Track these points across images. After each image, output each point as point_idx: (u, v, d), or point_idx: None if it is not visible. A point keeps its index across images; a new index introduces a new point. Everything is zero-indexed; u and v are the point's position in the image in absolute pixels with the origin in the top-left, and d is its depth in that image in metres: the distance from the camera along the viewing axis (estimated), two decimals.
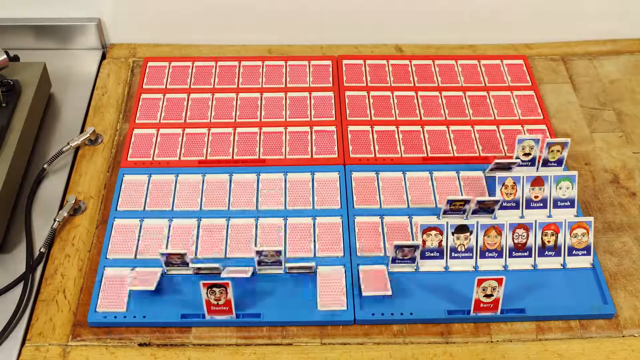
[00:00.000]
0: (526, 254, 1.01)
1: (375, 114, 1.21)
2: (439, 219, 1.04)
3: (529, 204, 1.05)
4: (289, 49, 1.35)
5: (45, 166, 1.11)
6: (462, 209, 1.01)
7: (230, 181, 1.10)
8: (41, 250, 1.01)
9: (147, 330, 0.94)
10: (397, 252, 0.97)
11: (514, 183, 1.04)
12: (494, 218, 1.02)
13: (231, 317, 0.93)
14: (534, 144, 1.08)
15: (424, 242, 0.99)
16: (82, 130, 1.19)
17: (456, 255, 1.00)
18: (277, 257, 0.95)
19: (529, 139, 1.08)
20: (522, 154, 1.09)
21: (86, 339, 0.93)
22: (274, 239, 1.02)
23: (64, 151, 1.12)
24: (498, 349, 0.93)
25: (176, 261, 0.94)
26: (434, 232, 0.98)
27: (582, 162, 1.16)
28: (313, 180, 1.10)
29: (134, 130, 1.17)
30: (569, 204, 1.05)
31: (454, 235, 0.99)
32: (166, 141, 1.15)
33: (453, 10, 1.33)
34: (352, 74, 1.28)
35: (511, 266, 1.01)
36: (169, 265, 0.96)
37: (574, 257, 1.01)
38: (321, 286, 0.97)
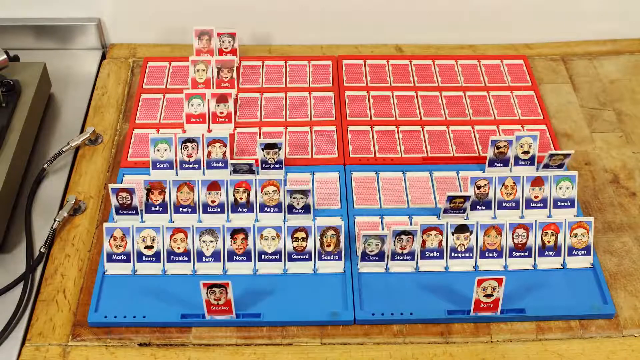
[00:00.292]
0: (526, 254, 1.01)
1: (375, 114, 1.21)
2: (439, 218, 1.04)
3: (529, 204, 1.05)
4: (289, 49, 1.35)
5: (45, 166, 1.11)
6: (462, 207, 1.01)
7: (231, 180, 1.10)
8: (41, 250, 1.01)
9: (147, 330, 0.94)
10: (395, 242, 0.97)
11: (514, 183, 1.05)
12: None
13: (231, 317, 0.93)
14: (532, 141, 1.08)
15: (423, 242, 0.99)
16: (82, 130, 1.19)
17: (456, 255, 1.00)
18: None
19: (527, 136, 1.08)
20: (521, 152, 1.09)
21: (86, 339, 0.93)
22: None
23: (64, 151, 1.12)
24: (498, 349, 0.93)
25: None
26: (434, 232, 0.98)
27: (582, 162, 1.16)
28: (313, 180, 1.10)
29: (134, 130, 1.17)
30: (569, 204, 1.05)
31: (454, 235, 0.99)
32: None
33: (453, 10, 1.33)
34: (352, 74, 1.28)
35: (511, 266, 1.01)
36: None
37: (574, 257, 1.01)
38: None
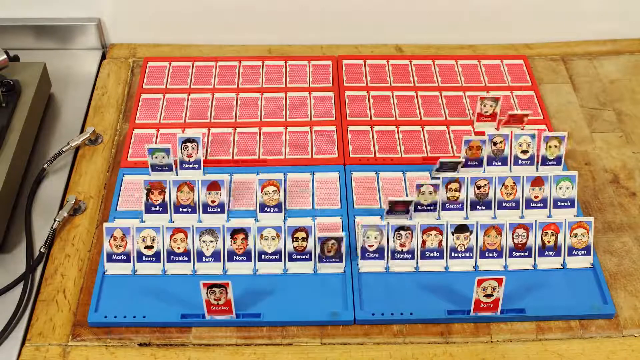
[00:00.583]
0: (526, 254, 1.01)
1: (375, 114, 1.21)
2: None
3: (529, 204, 1.05)
4: (289, 49, 1.35)
5: (45, 166, 1.11)
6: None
7: (230, 181, 1.10)
8: (41, 250, 1.01)
9: (147, 330, 0.94)
10: (395, 238, 0.97)
11: (514, 183, 1.05)
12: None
13: (231, 317, 0.93)
14: (530, 140, 1.08)
15: (424, 242, 0.99)
16: (82, 130, 1.19)
17: (456, 255, 1.00)
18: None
19: (526, 134, 1.08)
20: (520, 152, 1.09)
21: (86, 339, 0.93)
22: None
23: (64, 151, 1.12)
24: (498, 349, 0.93)
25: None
26: (434, 232, 0.98)
27: (582, 162, 1.16)
28: (313, 180, 1.10)
29: (134, 130, 1.17)
30: (569, 204, 1.05)
31: (454, 235, 0.99)
32: (166, 141, 1.15)
33: (453, 10, 1.33)
34: (352, 74, 1.28)
35: (511, 266, 1.01)
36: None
37: (574, 257, 1.01)
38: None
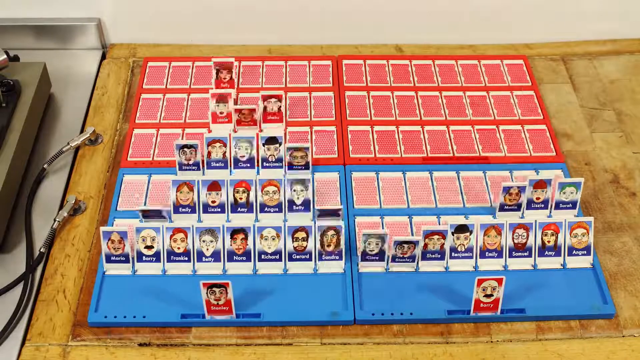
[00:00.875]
0: (526, 254, 1.01)
1: (375, 114, 1.21)
2: (439, 222, 1.04)
3: (529, 205, 1.05)
4: (289, 49, 1.35)
5: (45, 166, 1.11)
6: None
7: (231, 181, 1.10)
8: (41, 250, 1.01)
9: (147, 330, 0.94)
10: (396, 249, 0.97)
11: (519, 190, 1.03)
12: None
13: (231, 317, 0.93)
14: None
15: (425, 245, 0.98)
16: (82, 130, 1.19)
17: (456, 255, 1.00)
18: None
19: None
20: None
21: (86, 339, 0.93)
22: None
23: (64, 151, 1.12)
24: (498, 349, 0.93)
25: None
26: (436, 237, 0.98)
27: (582, 162, 1.16)
28: (313, 180, 1.10)
29: (134, 130, 1.17)
30: (570, 205, 1.05)
31: (454, 235, 0.99)
32: (166, 141, 1.15)
33: (453, 10, 1.33)
34: (352, 74, 1.28)
35: (511, 266, 1.01)
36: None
37: (574, 257, 1.01)
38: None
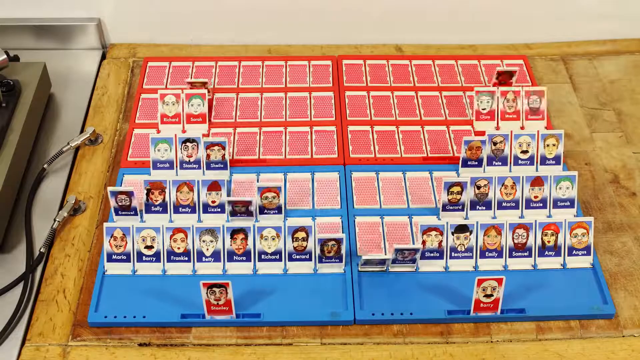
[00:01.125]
0: (526, 254, 1.01)
1: (375, 114, 1.21)
2: (439, 219, 1.04)
3: (528, 204, 1.05)
4: (289, 49, 1.35)
5: (45, 166, 1.11)
6: (460, 201, 1.02)
7: (230, 181, 1.10)
8: (41, 250, 1.01)
9: (147, 330, 0.94)
10: (397, 254, 0.97)
11: (514, 183, 1.04)
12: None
13: (231, 317, 0.93)
14: (530, 140, 1.09)
15: (424, 242, 0.99)
16: (82, 130, 1.19)
17: (456, 255, 1.00)
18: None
19: (526, 134, 1.08)
20: (520, 152, 1.09)
21: (86, 339, 0.93)
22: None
23: (64, 151, 1.12)
24: (498, 349, 0.93)
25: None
26: (434, 233, 0.98)
27: (582, 162, 1.16)
28: (313, 180, 1.10)
29: (134, 130, 1.17)
30: (568, 204, 1.05)
31: (454, 235, 0.99)
32: None
33: (453, 10, 1.33)
34: (352, 74, 1.28)
35: (511, 266, 1.01)
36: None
37: (574, 257, 1.01)
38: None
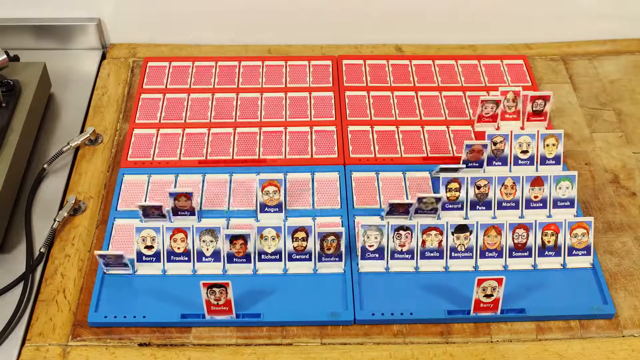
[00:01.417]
0: (526, 254, 1.01)
1: (375, 114, 1.21)
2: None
3: (528, 204, 1.05)
4: (289, 49, 1.35)
5: (45, 166, 1.11)
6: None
7: (230, 181, 1.10)
8: (41, 250, 1.01)
9: (147, 330, 0.94)
10: (394, 238, 0.97)
11: (514, 183, 1.05)
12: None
13: (231, 317, 0.93)
14: (530, 140, 1.09)
15: (423, 242, 0.99)
16: (82, 130, 1.19)
17: (456, 255, 1.00)
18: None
19: (525, 134, 1.08)
20: (520, 152, 1.09)
21: (86, 339, 0.93)
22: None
23: (64, 151, 1.12)
24: (498, 349, 0.93)
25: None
26: (433, 232, 0.98)
27: (582, 162, 1.16)
28: (313, 180, 1.10)
29: (134, 130, 1.17)
30: (568, 204, 1.05)
31: (454, 235, 0.99)
32: (166, 141, 1.15)
33: (453, 10, 1.33)
34: (352, 74, 1.28)
35: (511, 266, 1.01)
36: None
37: (574, 257, 1.01)
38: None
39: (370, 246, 0.98)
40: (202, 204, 1.06)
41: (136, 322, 0.94)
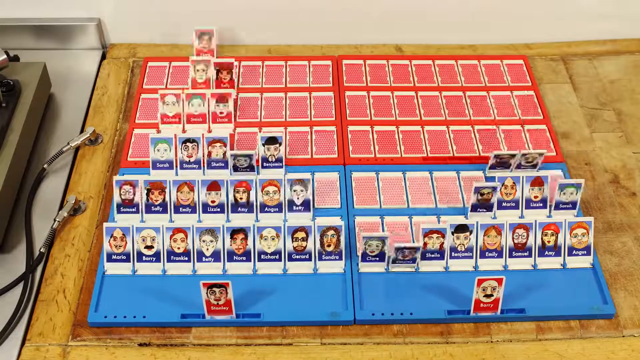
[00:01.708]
0: (526, 254, 1.01)
1: (375, 114, 1.21)
2: (438, 221, 1.04)
3: (528, 204, 1.05)
4: (289, 49, 1.35)
5: (45, 166, 1.11)
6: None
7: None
8: (41, 250, 1.01)
9: (147, 330, 0.94)
10: (397, 253, 0.97)
11: (514, 183, 1.04)
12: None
13: (231, 317, 0.93)
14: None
15: (425, 244, 0.99)
16: (82, 130, 1.19)
17: (456, 255, 1.00)
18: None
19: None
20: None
21: (86, 339, 0.93)
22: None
23: (64, 151, 1.12)
24: (498, 349, 0.93)
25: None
26: (435, 235, 0.98)
27: (582, 162, 1.16)
28: (313, 180, 1.10)
29: (134, 130, 1.17)
30: (570, 205, 1.05)
31: (454, 235, 0.99)
32: None
33: (453, 10, 1.33)
34: (352, 74, 1.28)
35: (511, 266, 1.01)
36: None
37: (574, 257, 1.01)
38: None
39: (371, 252, 0.98)
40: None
41: (136, 322, 0.94)
